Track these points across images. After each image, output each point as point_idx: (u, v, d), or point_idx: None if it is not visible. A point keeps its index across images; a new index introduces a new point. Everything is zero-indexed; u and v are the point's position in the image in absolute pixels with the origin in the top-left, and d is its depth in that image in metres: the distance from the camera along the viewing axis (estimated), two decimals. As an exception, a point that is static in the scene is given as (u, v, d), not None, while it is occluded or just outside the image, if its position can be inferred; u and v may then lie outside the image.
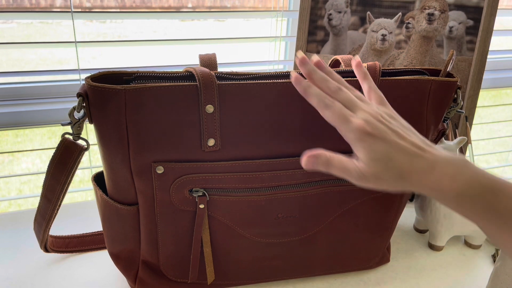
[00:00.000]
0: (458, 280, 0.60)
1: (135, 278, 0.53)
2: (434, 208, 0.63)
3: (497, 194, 0.34)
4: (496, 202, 0.34)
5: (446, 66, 0.52)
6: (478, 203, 0.35)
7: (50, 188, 0.50)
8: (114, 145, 0.44)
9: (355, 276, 0.60)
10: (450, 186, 0.35)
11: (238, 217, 0.49)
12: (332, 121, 0.39)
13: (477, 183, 0.35)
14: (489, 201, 0.34)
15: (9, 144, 2.41)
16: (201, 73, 0.43)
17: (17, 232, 0.66)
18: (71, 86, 0.78)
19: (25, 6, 0.87)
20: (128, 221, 0.49)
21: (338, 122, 0.39)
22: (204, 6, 1.73)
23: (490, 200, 0.34)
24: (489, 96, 3.26)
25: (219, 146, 0.45)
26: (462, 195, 0.35)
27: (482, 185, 0.35)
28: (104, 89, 0.42)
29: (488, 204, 0.34)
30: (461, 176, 0.35)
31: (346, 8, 0.70)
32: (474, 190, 0.35)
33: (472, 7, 0.73)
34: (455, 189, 0.35)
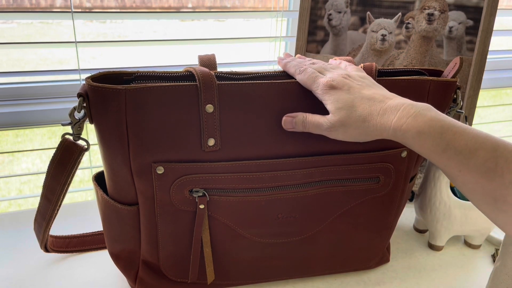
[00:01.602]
0: (458, 280, 0.60)
1: (135, 278, 0.53)
2: (434, 208, 0.63)
3: (456, 133, 0.37)
4: (455, 140, 0.37)
5: (455, 74, 0.52)
6: (438, 141, 0.37)
7: (50, 188, 0.50)
8: (114, 145, 0.44)
9: (355, 276, 0.60)
10: (411, 124, 0.38)
11: (238, 217, 0.49)
12: (304, 82, 0.45)
13: (437, 123, 0.38)
14: (449, 140, 0.37)
15: (9, 144, 2.41)
16: (201, 73, 0.43)
17: (17, 232, 0.66)
18: (71, 86, 0.78)
19: (25, 6, 0.87)
20: (128, 221, 0.49)
21: (309, 83, 0.45)
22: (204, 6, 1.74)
23: (450, 139, 0.37)
24: (489, 96, 3.26)
25: (219, 146, 0.45)
26: (422, 133, 0.38)
27: (442, 125, 0.38)
28: (104, 89, 0.42)
29: (448, 142, 0.37)
30: (423, 116, 0.38)
31: (346, 8, 0.70)
32: (435, 129, 0.38)
33: (472, 7, 0.73)
34: (416, 127, 0.38)
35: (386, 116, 0.40)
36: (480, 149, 0.36)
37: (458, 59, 0.52)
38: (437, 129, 0.38)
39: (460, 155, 0.37)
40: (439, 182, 0.62)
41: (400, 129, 0.39)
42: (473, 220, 0.63)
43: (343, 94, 0.42)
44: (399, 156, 0.51)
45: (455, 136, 0.37)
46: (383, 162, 0.51)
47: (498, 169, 0.35)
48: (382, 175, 0.52)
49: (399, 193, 0.54)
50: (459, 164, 0.37)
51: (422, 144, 0.38)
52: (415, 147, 0.39)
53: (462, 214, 0.62)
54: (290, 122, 0.45)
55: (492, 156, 0.36)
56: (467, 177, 0.37)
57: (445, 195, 0.62)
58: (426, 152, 0.39)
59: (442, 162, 0.38)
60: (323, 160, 0.49)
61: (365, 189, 0.52)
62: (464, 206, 0.62)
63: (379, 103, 0.41)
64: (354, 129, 0.42)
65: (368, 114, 0.41)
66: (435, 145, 0.38)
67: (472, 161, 0.36)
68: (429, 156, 0.39)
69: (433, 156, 0.38)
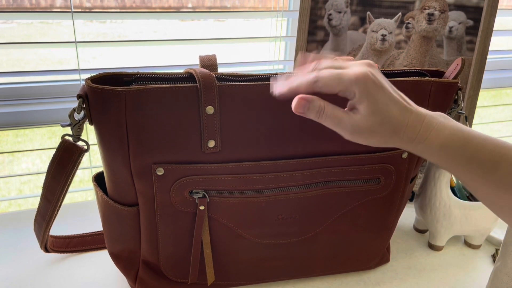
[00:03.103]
0: (458, 280, 0.60)
1: (135, 278, 0.53)
2: (434, 208, 0.63)
3: (478, 144, 0.36)
4: (478, 152, 0.36)
5: (457, 75, 0.52)
6: (462, 153, 0.36)
7: (50, 189, 0.50)
8: (114, 147, 0.44)
9: (355, 276, 0.60)
10: (437, 137, 0.37)
11: (239, 218, 0.49)
12: (327, 87, 0.36)
13: (460, 134, 0.37)
14: (472, 152, 0.36)
15: (9, 144, 2.41)
16: (201, 74, 0.43)
17: (17, 232, 0.66)
18: (71, 86, 0.78)
19: (25, 6, 0.87)
20: (128, 221, 0.49)
21: (335, 82, 0.36)
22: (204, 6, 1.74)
23: (473, 150, 0.36)
24: (489, 96, 3.26)
25: (219, 148, 0.45)
26: (446, 146, 0.37)
27: (464, 136, 0.36)
28: (104, 90, 0.42)
29: (471, 154, 0.36)
30: (445, 128, 0.37)
31: (346, 8, 0.70)
32: (458, 141, 0.36)
33: (472, 7, 0.73)
34: (440, 140, 0.37)
35: (412, 129, 0.37)
36: (503, 161, 0.35)
37: (459, 60, 0.52)
38: (460, 141, 0.36)
39: (484, 167, 0.36)
40: (439, 182, 0.62)
41: (423, 143, 0.37)
42: (473, 220, 0.63)
43: (381, 94, 0.36)
44: (399, 157, 0.51)
45: (477, 148, 0.36)
46: (384, 163, 0.51)
47: (499, 166, 0.35)
48: (383, 176, 0.52)
49: (399, 194, 0.54)
50: (482, 176, 0.36)
51: (446, 157, 0.37)
52: (437, 160, 0.37)
53: (462, 214, 0.62)
54: (303, 106, 0.38)
55: (486, 156, 0.35)
56: (491, 190, 0.36)
57: (445, 195, 0.62)
58: (448, 165, 0.37)
59: (465, 174, 0.37)
60: (324, 161, 0.49)
61: (365, 190, 0.52)
62: (464, 206, 0.62)
63: (406, 112, 0.37)
64: (380, 137, 0.37)
65: (398, 125, 0.37)
66: (458, 157, 0.36)
67: (496, 174, 0.35)
68: (451, 168, 0.37)
69: (456, 168, 0.37)
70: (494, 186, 0.35)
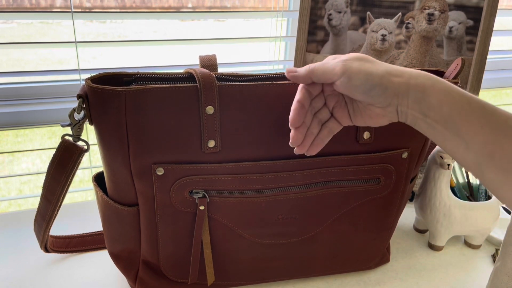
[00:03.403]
0: (458, 280, 0.60)
1: (135, 278, 0.53)
2: (434, 208, 0.63)
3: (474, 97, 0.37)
4: (476, 98, 0.37)
5: (457, 75, 0.52)
6: (462, 94, 0.37)
7: (50, 189, 0.50)
8: (114, 147, 0.44)
9: (355, 276, 0.60)
10: (434, 82, 0.38)
11: (239, 218, 0.49)
12: (322, 71, 0.40)
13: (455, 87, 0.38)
14: (471, 97, 0.37)
15: (9, 144, 2.41)
16: (201, 74, 0.43)
17: (17, 232, 0.66)
18: (71, 86, 0.78)
19: (25, 6, 0.87)
20: (128, 221, 0.49)
21: (328, 71, 0.40)
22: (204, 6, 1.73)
23: (471, 96, 0.37)
24: (489, 96, 3.26)
25: (219, 148, 0.45)
26: (449, 90, 0.38)
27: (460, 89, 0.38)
28: (104, 90, 0.42)
29: (471, 97, 0.37)
30: (441, 81, 0.38)
31: (346, 8, 0.70)
32: (456, 89, 0.38)
33: (472, 7, 0.73)
34: (441, 86, 0.38)
35: (401, 77, 0.38)
36: (500, 109, 0.36)
37: (459, 60, 0.52)
38: (458, 90, 0.37)
39: (484, 110, 0.36)
40: (439, 182, 0.62)
41: (419, 89, 0.38)
42: (473, 220, 0.63)
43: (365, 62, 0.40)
44: (399, 157, 0.51)
45: (473, 97, 0.37)
46: (384, 163, 0.51)
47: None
48: (383, 176, 0.52)
49: (399, 194, 0.54)
50: (482, 118, 0.36)
51: (446, 99, 0.37)
52: (433, 107, 0.37)
53: (462, 214, 0.62)
54: (292, 71, 0.42)
55: (509, 116, 0.35)
56: (489, 136, 0.35)
57: (445, 195, 0.62)
58: (447, 109, 0.37)
59: (463, 116, 0.36)
60: (324, 161, 0.49)
61: (365, 190, 0.52)
62: (464, 206, 0.62)
63: (396, 68, 0.39)
64: (357, 80, 0.39)
65: (382, 71, 0.39)
66: (459, 97, 0.37)
67: (495, 117, 0.36)
68: (450, 113, 0.37)
69: (456, 109, 0.36)
70: (493, 132, 0.35)
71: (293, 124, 0.41)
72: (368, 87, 0.39)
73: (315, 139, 0.43)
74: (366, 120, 0.42)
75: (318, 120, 0.43)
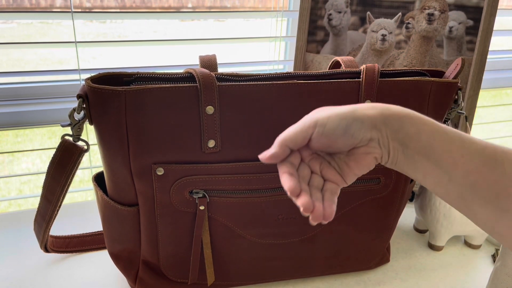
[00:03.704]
0: (458, 280, 0.60)
1: (135, 278, 0.53)
2: (434, 208, 0.63)
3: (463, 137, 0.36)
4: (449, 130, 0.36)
5: (457, 75, 0.52)
6: (437, 124, 0.36)
7: (50, 189, 0.50)
8: (114, 147, 0.44)
9: (355, 276, 0.60)
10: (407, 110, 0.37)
11: (238, 218, 0.49)
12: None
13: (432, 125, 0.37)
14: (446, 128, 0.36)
15: (9, 144, 2.41)
16: (201, 74, 0.43)
17: (17, 232, 0.66)
18: (71, 86, 0.78)
19: (25, 6, 0.87)
20: (128, 221, 0.49)
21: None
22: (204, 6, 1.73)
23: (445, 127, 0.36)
24: (489, 96, 3.26)
25: (219, 148, 0.45)
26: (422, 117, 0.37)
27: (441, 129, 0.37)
28: (104, 90, 0.42)
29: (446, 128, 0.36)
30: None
31: (346, 8, 0.70)
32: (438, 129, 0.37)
33: (472, 7, 0.73)
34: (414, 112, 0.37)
35: (373, 109, 0.37)
36: (476, 139, 0.35)
37: (459, 60, 0.52)
38: (433, 121, 0.37)
39: (461, 139, 0.35)
40: (439, 183, 0.62)
41: (395, 117, 0.36)
42: (473, 220, 0.63)
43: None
44: (399, 157, 0.51)
45: (448, 127, 0.36)
46: (383, 162, 0.51)
47: (498, 157, 0.34)
48: (383, 176, 0.52)
49: (399, 194, 0.54)
50: (461, 147, 0.35)
51: (424, 128, 0.36)
52: (412, 136, 0.36)
53: (462, 214, 0.62)
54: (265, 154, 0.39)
55: (489, 144, 0.35)
56: (470, 164, 0.34)
57: (445, 196, 0.62)
58: (426, 138, 0.36)
59: (443, 145, 0.35)
60: (323, 160, 0.49)
61: (365, 190, 0.52)
62: (464, 206, 0.62)
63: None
64: (331, 123, 0.37)
65: (351, 108, 0.37)
66: (436, 126, 0.36)
67: (474, 146, 0.35)
68: (429, 142, 0.36)
69: (434, 138, 0.36)
70: (472, 159, 0.34)
71: (293, 192, 0.37)
72: (345, 126, 0.37)
73: (324, 203, 0.39)
74: (354, 169, 0.39)
75: (314, 187, 0.39)
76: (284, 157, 0.39)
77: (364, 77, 0.48)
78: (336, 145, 0.38)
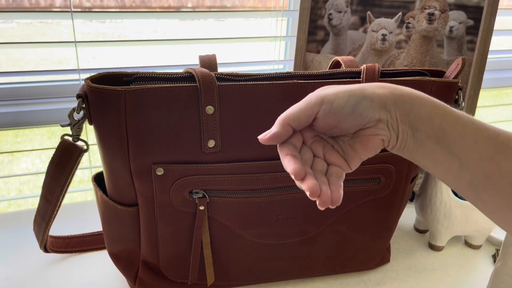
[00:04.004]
0: (458, 280, 0.60)
1: (135, 278, 0.53)
2: (434, 208, 0.63)
3: None
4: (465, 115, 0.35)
5: (457, 75, 0.52)
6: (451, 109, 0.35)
7: (50, 189, 0.50)
8: (114, 147, 0.44)
9: (355, 277, 0.59)
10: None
11: (238, 218, 0.49)
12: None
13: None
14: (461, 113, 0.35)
15: (8, 144, 2.41)
16: (201, 74, 0.43)
17: (17, 232, 0.66)
18: (71, 86, 0.78)
19: (25, 6, 0.87)
20: (128, 222, 0.49)
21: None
22: (204, 6, 1.73)
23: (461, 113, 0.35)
24: (489, 96, 3.26)
25: (219, 148, 0.45)
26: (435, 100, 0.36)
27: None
28: (103, 90, 0.41)
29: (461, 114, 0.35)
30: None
31: (346, 8, 0.70)
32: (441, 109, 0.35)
33: (473, 7, 0.73)
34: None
35: (383, 88, 0.35)
36: (488, 125, 0.34)
37: (460, 60, 0.52)
38: (444, 104, 0.35)
39: (474, 124, 0.33)
40: (439, 182, 0.62)
41: (406, 99, 0.34)
42: (473, 220, 0.63)
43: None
44: (400, 157, 0.51)
45: (460, 112, 0.35)
46: (384, 163, 0.51)
47: (511, 143, 0.33)
48: (383, 176, 0.52)
49: (399, 194, 0.54)
50: (475, 132, 0.33)
51: (436, 111, 0.34)
52: (424, 119, 0.34)
53: (463, 214, 0.62)
54: (266, 134, 0.36)
55: (502, 131, 0.33)
56: (483, 151, 0.33)
57: (446, 195, 0.62)
58: (438, 121, 0.34)
59: (456, 130, 0.34)
60: (324, 160, 0.48)
61: (366, 190, 0.52)
62: (464, 206, 0.62)
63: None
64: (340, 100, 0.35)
65: (360, 85, 0.35)
66: (448, 110, 0.34)
67: (486, 132, 0.33)
68: (441, 126, 0.34)
69: (447, 122, 0.34)
70: (486, 146, 0.33)
71: (298, 175, 0.34)
72: (354, 103, 0.35)
73: (331, 187, 0.36)
74: (360, 152, 0.37)
75: (318, 171, 0.37)
76: (286, 138, 0.36)
77: (364, 77, 0.48)
78: (342, 125, 0.35)
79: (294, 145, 0.36)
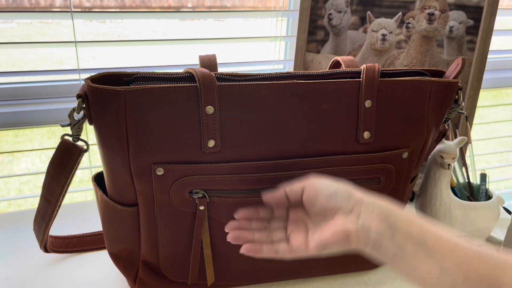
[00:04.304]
0: (458, 281, 0.60)
1: (135, 278, 0.53)
2: (434, 208, 0.63)
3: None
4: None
5: (457, 75, 0.52)
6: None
7: (50, 189, 0.50)
8: (114, 147, 0.44)
9: (355, 277, 0.59)
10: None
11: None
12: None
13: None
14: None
15: (8, 144, 2.41)
16: (201, 74, 0.43)
17: (17, 232, 0.66)
18: (71, 86, 0.78)
19: (25, 6, 0.87)
20: (128, 222, 0.49)
21: None
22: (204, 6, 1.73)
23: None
24: (489, 96, 3.26)
25: (219, 148, 0.45)
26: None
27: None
28: (103, 90, 0.41)
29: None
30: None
31: (346, 7, 0.70)
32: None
33: (473, 7, 0.73)
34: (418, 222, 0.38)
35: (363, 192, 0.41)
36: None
37: (460, 59, 0.52)
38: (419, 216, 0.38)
39: (448, 230, 0.36)
40: (439, 182, 0.62)
41: (385, 203, 0.39)
42: (473, 220, 0.63)
43: None
44: (400, 157, 0.51)
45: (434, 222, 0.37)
46: (384, 163, 0.51)
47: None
48: (383, 176, 0.52)
49: (399, 194, 0.54)
50: (451, 238, 0.35)
51: (414, 217, 0.37)
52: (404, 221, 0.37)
53: (463, 214, 0.62)
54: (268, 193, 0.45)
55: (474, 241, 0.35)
56: (462, 257, 0.34)
57: (446, 195, 0.62)
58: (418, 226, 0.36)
59: (435, 234, 0.35)
60: (324, 161, 0.48)
61: (365, 190, 0.52)
62: (464, 206, 0.62)
63: None
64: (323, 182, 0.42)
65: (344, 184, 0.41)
66: (423, 218, 0.37)
67: (460, 238, 0.35)
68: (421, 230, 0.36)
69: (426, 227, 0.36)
70: (465, 252, 0.34)
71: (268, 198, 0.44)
72: (334, 190, 0.40)
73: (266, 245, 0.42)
74: (323, 231, 0.41)
75: (268, 235, 0.43)
76: (282, 203, 0.43)
77: (364, 77, 0.48)
78: (319, 202, 0.40)
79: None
